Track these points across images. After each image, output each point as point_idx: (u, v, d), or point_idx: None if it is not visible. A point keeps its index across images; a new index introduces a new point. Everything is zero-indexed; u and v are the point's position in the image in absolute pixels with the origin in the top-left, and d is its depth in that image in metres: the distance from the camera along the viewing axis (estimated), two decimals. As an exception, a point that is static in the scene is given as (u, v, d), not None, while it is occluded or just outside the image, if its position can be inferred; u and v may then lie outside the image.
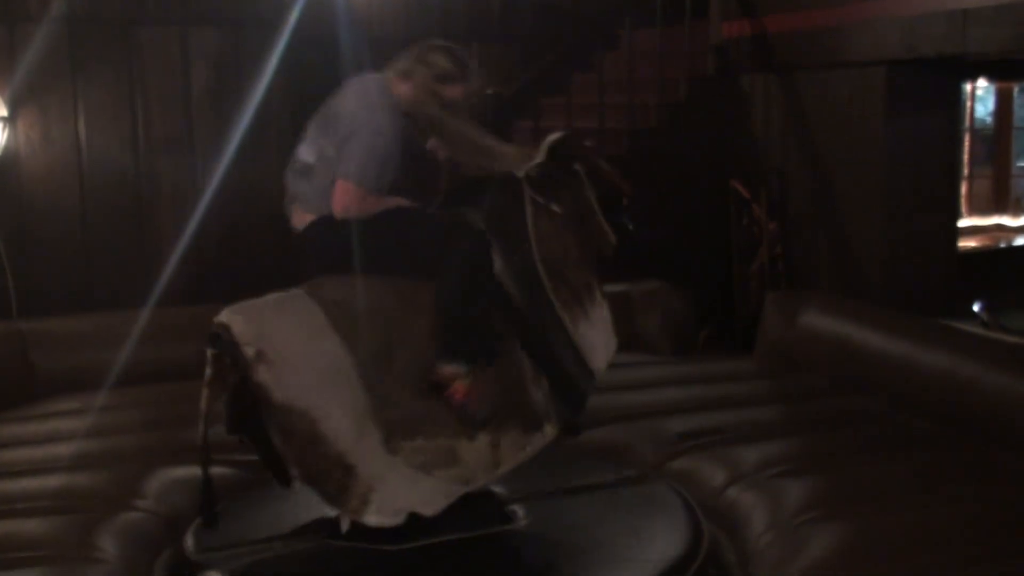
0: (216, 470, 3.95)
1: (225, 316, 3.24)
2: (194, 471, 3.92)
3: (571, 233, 3.67)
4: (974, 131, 8.44)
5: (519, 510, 3.64)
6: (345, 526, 3.31)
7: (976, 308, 6.01)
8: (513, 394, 3.58)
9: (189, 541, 3.45)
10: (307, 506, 3.59)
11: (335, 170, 3.53)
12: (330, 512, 3.41)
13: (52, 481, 3.77)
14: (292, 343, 3.31)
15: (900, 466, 3.77)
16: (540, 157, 3.62)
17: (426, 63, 3.68)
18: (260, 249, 5.96)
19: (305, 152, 3.67)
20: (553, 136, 3.68)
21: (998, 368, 4.17)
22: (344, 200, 3.50)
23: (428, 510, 3.27)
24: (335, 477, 3.24)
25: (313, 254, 3.69)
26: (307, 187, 3.64)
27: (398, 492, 3.30)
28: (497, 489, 3.69)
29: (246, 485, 3.89)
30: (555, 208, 3.61)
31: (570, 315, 3.60)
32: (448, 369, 3.50)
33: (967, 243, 7.81)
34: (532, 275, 3.57)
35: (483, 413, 3.52)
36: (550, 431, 3.58)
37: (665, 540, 3.39)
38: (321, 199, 3.58)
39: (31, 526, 3.39)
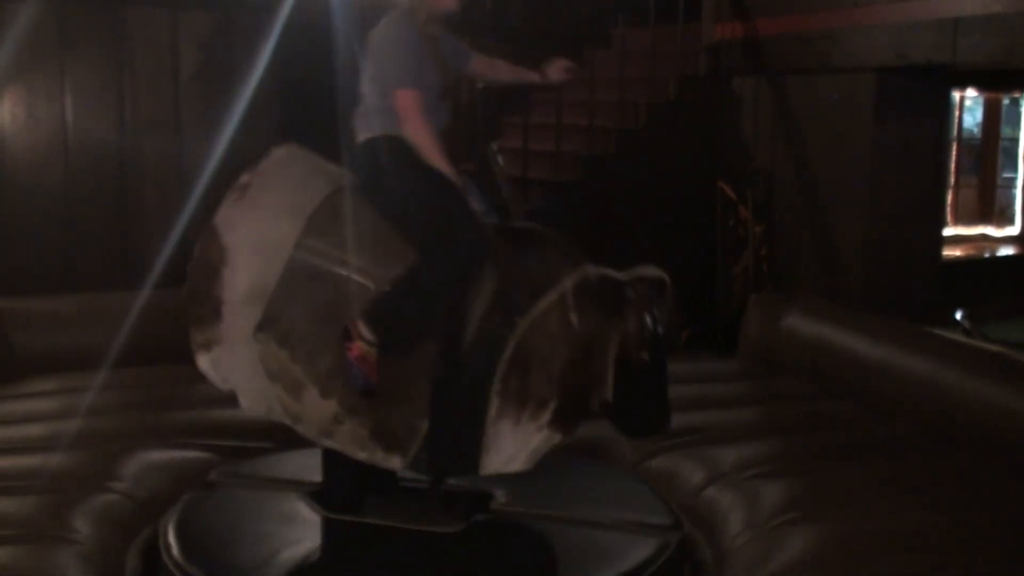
0: (194, 454, 3.98)
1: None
2: (171, 455, 3.93)
3: (569, 352, 3.44)
4: (961, 141, 8.47)
5: (498, 502, 3.66)
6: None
7: (958, 316, 6.04)
8: (398, 404, 3.46)
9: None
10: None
11: (386, 86, 3.54)
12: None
13: (28, 461, 3.76)
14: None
15: (877, 470, 3.79)
16: (620, 276, 3.51)
17: None
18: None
19: (362, 86, 3.69)
20: (649, 272, 3.53)
21: (977, 375, 4.19)
22: (405, 107, 3.49)
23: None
24: None
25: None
26: (360, 112, 3.66)
27: None
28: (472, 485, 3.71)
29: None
30: (573, 318, 3.42)
31: (499, 406, 3.41)
32: (363, 330, 3.41)
33: (952, 252, 7.84)
34: (495, 342, 3.43)
35: (363, 386, 3.43)
36: (397, 463, 3.47)
37: (642, 537, 3.41)
38: (368, 118, 3.60)
39: (5, 505, 3.37)
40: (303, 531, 3.45)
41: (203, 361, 3.55)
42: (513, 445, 3.43)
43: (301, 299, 3.44)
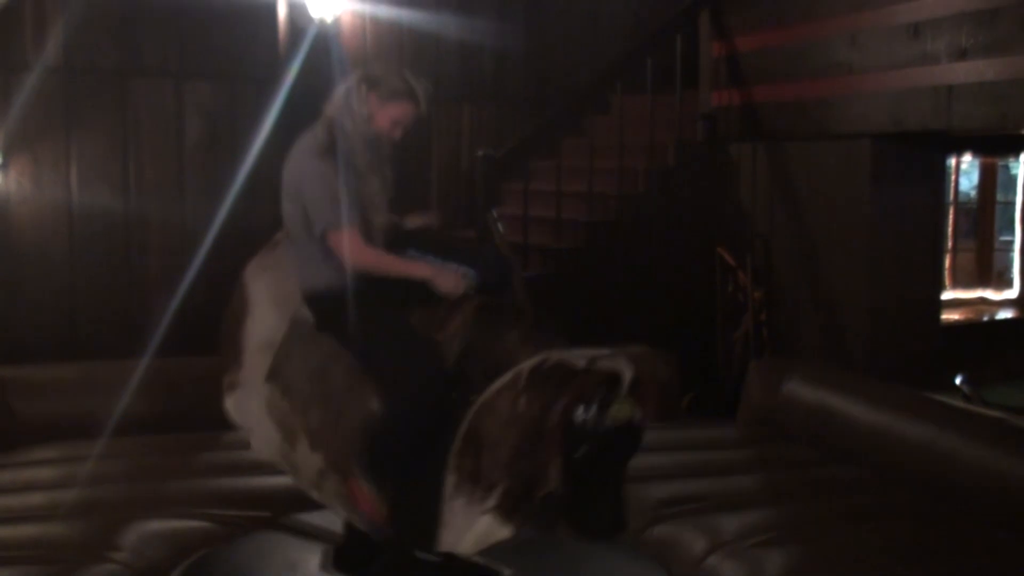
0: (195, 524, 3.97)
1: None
2: (171, 524, 3.92)
3: (516, 437, 3.35)
4: (958, 205, 8.51)
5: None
6: None
7: (958, 381, 6.03)
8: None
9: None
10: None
11: (316, 229, 3.52)
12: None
13: (27, 531, 3.74)
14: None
15: (880, 537, 3.77)
16: (578, 362, 3.39)
17: (368, 79, 3.62)
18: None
19: (287, 225, 3.71)
20: (607, 364, 3.42)
21: (978, 441, 4.19)
22: (343, 248, 3.47)
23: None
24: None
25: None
26: (296, 254, 3.67)
27: None
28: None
29: (223, 539, 3.90)
30: (521, 402, 3.34)
31: (455, 482, 3.41)
32: (363, 481, 3.53)
33: (950, 316, 7.85)
34: (454, 417, 3.45)
35: (372, 526, 3.56)
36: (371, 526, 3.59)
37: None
38: (308, 267, 3.60)
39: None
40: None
41: (227, 402, 3.81)
42: (462, 525, 3.41)
43: (299, 357, 3.62)
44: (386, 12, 6.82)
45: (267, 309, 3.74)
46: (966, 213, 8.66)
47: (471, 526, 3.39)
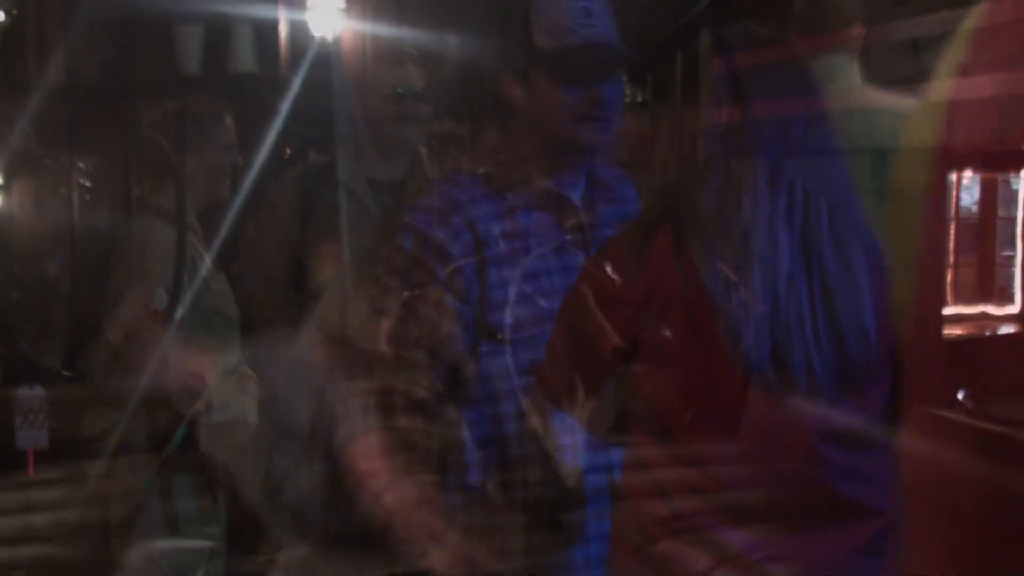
0: (198, 544, 3.97)
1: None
2: (175, 544, 3.92)
3: None
4: (959, 220, 8.51)
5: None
6: None
7: (960, 396, 6.02)
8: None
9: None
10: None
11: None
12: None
13: (29, 551, 3.75)
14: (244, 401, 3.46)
15: (883, 551, 3.77)
16: None
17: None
18: (255, 319, 5.97)
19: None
20: None
21: (981, 457, 4.18)
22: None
23: None
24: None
25: None
26: None
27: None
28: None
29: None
30: None
31: (535, 419, 3.46)
32: None
33: (952, 331, 7.83)
34: None
35: None
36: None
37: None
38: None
39: (8, 597, 3.36)
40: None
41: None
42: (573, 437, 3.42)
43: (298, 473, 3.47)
44: (387, 31, 6.85)
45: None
46: (967, 228, 8.66)
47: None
